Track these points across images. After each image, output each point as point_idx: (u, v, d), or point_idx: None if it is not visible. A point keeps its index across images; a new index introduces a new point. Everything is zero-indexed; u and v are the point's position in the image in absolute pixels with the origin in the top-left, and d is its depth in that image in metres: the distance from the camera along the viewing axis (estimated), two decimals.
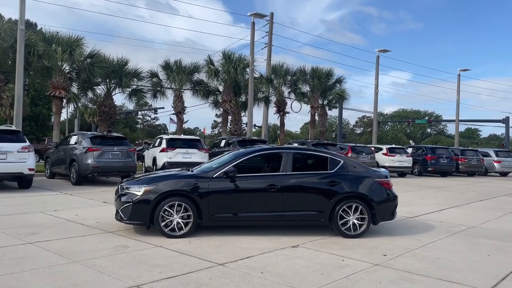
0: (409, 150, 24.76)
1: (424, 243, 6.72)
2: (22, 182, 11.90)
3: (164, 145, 15.97)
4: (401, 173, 22.74)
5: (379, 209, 6.94)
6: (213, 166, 6.95)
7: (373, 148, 23.14)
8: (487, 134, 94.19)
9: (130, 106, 48.15)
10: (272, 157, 7.56)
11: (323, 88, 30.37)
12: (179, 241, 6.28)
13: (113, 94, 22.34)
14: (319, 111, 31.03)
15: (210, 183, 6.59)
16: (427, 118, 76.95)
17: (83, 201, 10.27)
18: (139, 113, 73.23)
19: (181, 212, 6.47)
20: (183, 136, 18.07)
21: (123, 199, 6.62)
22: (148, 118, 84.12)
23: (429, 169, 23.73)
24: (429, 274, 5.10)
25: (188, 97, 41.53)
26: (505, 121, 42.53)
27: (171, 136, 17.25)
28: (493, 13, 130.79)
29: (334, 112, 39.21)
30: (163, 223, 6.43)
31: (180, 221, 6.47)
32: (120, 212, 6.63)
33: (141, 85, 23.52)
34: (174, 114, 25.82)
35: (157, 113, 65.16)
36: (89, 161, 13.11)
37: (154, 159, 16.25)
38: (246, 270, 4.98)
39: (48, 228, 6.97)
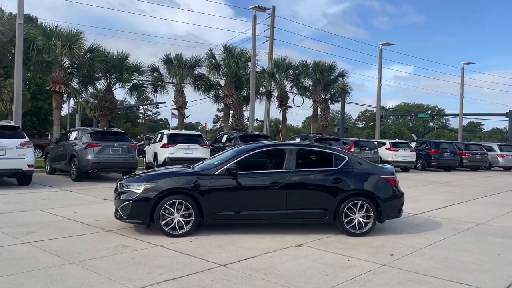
0: (413, 145, 24.53)
1: (431, 241, 6.54)
2: (21, 178, 11.74)
3: (165, 140, 15.80)
4: (404, 168, 22.54)
5: (385, 206, 6.75)
6: (215, 163, 6.76)
7: (376, 143, 22.92)
8: (489, 128, 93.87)
9: (132, 101, 48.08)
10: (275, 153, 7.38)
11: (325, 82, 30.12)
12: (180, 240, 6.11)
13: (113, 88, 22.17)
14: (321, 105, 30.80)
15: (211, 181, 6.40)
16: (429, 112, 76.61)
17: (82, 198, 10.11)
18: (141, 108, 73.11)
19: (182, 210, 6.30)
20: (184, 132, 17.89)
21: (122, 197, 6.45)
22: (149, 112, 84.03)
23: (432, 163, 23.51)
24: (438, 275, 4.92)
25: (189, 91, 41.22)
26: (509, 114, 42.19)
27: (172, 132, 17.07)
28: (495, 6, 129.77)
29: (336, 106, 39.02)
30: (163, 222, 6.26)
31: (181, 219, 6.30)
32: (119, 210, 6.46)
33: (141, 80, 23.34)
34: (175, 108, 25.65)
35: (158, 108, 64.84)
36: (89, 157, 12.94)
37: (155, 154, 16.08)
38: (249, 272, 4.81)
39: (46, 227, 6.81)
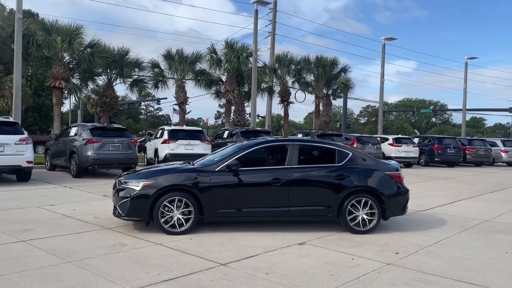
0: (416, 140, 24.32)
1: (437, 239, 6.38)
2: (20, 175, 11.62)
3: (165, 136, 15.64)
4: (407, 163, 22.34)
5: (389, 203, 6.60)
6: (215, 159, 6.61)
7: (379, 138, 22.72)
8: (492, 123, 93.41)
9: (133, 97, 47.89)
10: (277, 149, 7.22)
11: (327, 77, 29.90)
12: (179, 238, 5.97)
13: (114, 84, 22.02)
14: (323, 100, 30.59)
15: (212, 177, 6.26)
16: (432, 107, 76.19)
17: (82, 194, 9.99)
18: (142, 104, 72.96)
19: (181, 207, 6.16)
20: (185, 127, 17.73)
21: (121, 194, 6.31)
22: (151, 108, 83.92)
23: (436, 159, 23.30)
24: (445, 274, 4.77)
25: (191, 87, 41.07)
26: None
27: (173, 127, 16.91)
28: (498, 1, 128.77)
29: (338, 102, 38.86)
30: (162, 219, 6.12)
31: (180, 217, 6.16)
32: (118, 208, 6.32)
33: (142, 75, 23.17)
34: (176, 104, 25.49)
35: (160, 104, 64.79)
36: (89, 153, 12.80)
37: (156, 150, 15.94)
38: (250, 271, 4.67)
39: (44, 224, 6.69)
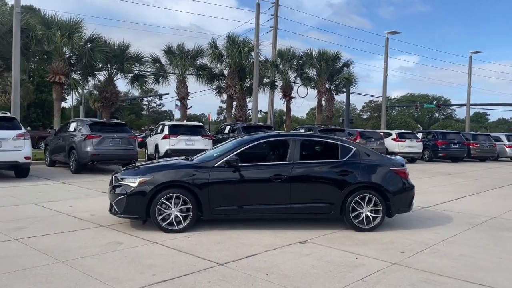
0: (419, 135, 24.05)
1: (443, 237, 6.17)
2: (18, 171, 11.45)
3: (166, 131, 15.46)
4: (411, 159, 22.07)
5: (394, 200, 6.39)
6: (214, 155, 6.41)
7: (382, 134, 22.46)
8: (495, 118, 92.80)
9: (135, 92, 47.67)
10: (277, 144, 7.01)
11: (330, 72, 29.61)
12: (177, 236, 5.78)
13: (114, 79, 21.82)
14: (326, 95, 30.33)
15: (210, 173, 6.06)
16: (435, 102, 75.70)
17: (80, 191, 9.81)
18: (145, 99, 72.80)
19: (179, 204, 5.96)
20: (185, 123, 17.52)
21: (117, 191, 6.12)
22: (153, 104, 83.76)
23: (439, 154, 23.03)
24: (454, 275, 4.56)
25: (192, 82, 40.80)
26: None
27: (173, 123, 16.71)
28: None
29: (341, 97, 38.52)
30: (160, 217, 5.93)
31: (178, 214, 5.97)
32: (114, 205, 6.14)
33: (143, 71, 22.94)
34: (177, 99, 25.28)
35: (162, 99, 64.57)
36: (88, 148, 12.63)
37: (156, 146, 15.75)
38: (249, 271, 4.47)
39: (39, 222, 6.51)
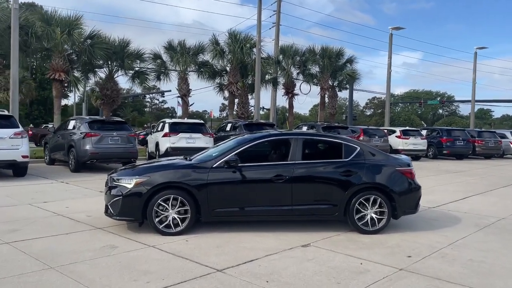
0: (423, 132, 23.74)
1: (452, 240, 5.93)
2: (16, 170, 11.27)
3: (166, 129, 15.22)
4: (415, 156, 21.75)
5: (400, 201, 6.15)
6: (213, 155, 6.18)
7: (386, 131, 22.16)
8: (499, 115, 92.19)
9: (137, 89, 47.52)
10: (279, 143, 6.78)
11: (333, 69, 29.31)
12: (175, 239, 5.57)
13: (115, 76, 21.58)
14: (329, 92, 30.04)
15: (209, 174, 5.83)
16: (439, 99, 75.20)
17: (78, 190, 9.62)
18: (147, 96, 72.68)
19: (177, 206, 5.75)
20: (186, 120, 17.28)
21: (113, 192, 5.90)
22: (156, 101, 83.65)
23: (444, 152, 22.71)
24: (464, 281, 4.33)
25: (194, 79, 40.52)
26: None
27: (174, 120, 16.46)
28: None
29: (344, 94, 38.17)
30: (157, 219, 5.72)
31: (176, 216, 5.75)
32: (109, 206, 5.92)
33: (144, 67, 22.71)
34: (179, 96, 25.06)
35: (164, 96, 64.43)
36: (87, 147, 12.42)
37: (157, 144, 15.53)
38: (249, 278, 4.25)
39: (32, 224, 6.31)
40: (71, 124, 13.63)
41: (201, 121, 17.50)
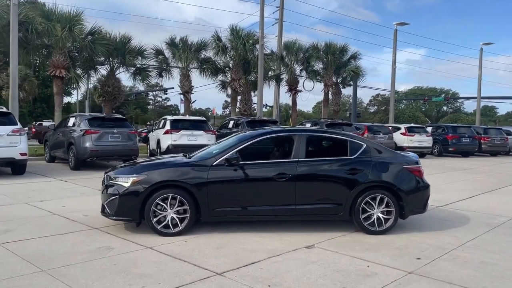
0: (429, 129, 23.44)
1: (462, 240, 5.69)
2: (15, 167, 11.09)
3: (168, 126, 15.02)
4: (420, 153, 21.47)
5: (408, 200, 5.91)
6: (213, 152, 5.95)
7: (390, 128, 21.87)
8: (504, 112, 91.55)
9: (140, 87, 47.29)
10: (282, 140, 6.55)
11: (337, 65, 29.00)
12: (173, 240, 5.35)
13: (116, 73, 21.36)
14: (332, 89, 29.73)
15: (209, 172, 5.61)
16: (443, 96, 74.64)
17: (76, 189, 9.42)
18: (150, 94, 72.51)
19: (175, 206, 5.53)
20: (188, 117, 17.06)
21: (109, 191, 5.69)
22: (159, 99, 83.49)
23: (450, 149, 22.42)
24: (478, 286, 4.09)
25: (196, 76, 40.27)
26: None
27: (175, 117, 16.24)
28: None
29: (347, 91, 37.89)
30: (155, 219, 5.50)
31: (175, 216, 5.53)
32: (106, 206, 5.71)
33: (145, 64, 22.48)
34: (181, 93, 24.84)
35: (166, 93, 64.18)
36: (87, 144, 12.23)
37: (158, 141, 15.34)
38: (250, 282, 4.03)
39: (27, 224, 6.11)
40: (71, 121, 13.44)
41: (203, 118, 17.27)
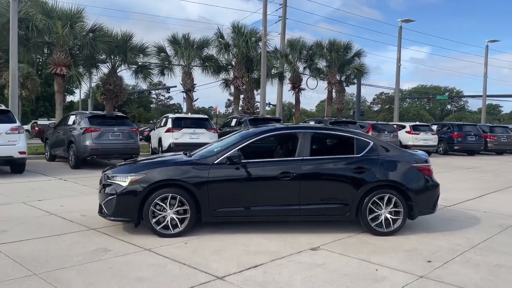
0: (434, 128, 23.13)
1: (474, 242, 5.46)
2: (13, 166, 10.91)
3: (169, 124, 14.81)
4: (425, 152, 21.17)
5: (417, 200, 5.68)
6: (215, 150, 5.74)
7: (395, 126, 21.60)
8: (508, 110, 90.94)
9: (143, 85, 47.11)
10: (286, 138, 6.34)
11: (340, 63, 28.74)
12: (173, 241, 5.15)
13: (118, 71, 21.16)
14: (336, 87, 29.48)
15: (210, 171, 5.40)
16: (447, 94, 74.14)
17: (75, 188, 9.24)
18: (153, 92, 72.38)
19: (175, 206, 5.32)
20: (190, 115, 16.85)
21: (107, 190, 5.49)
22: (162, 97, 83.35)
23: (455, 147, 22.10)
24: None
25: (198, 74, 40.00)
26: None
27: (177, 115, 16.04)
28: None
29: (350, 90, 37.62)
30: (154, 220, 5.30)
31: (174, 217, 5.33)
32: (103, 206, 5.51)
33: (147, 62, 22.28)
34: (183, 91, 24.64)
35: (169, 92, 64.03)
36: (87, 142, 12.04)
37: (160, 140, 15.14)
38: (252, 287, 3.81)
39: (23, 224, 5.92)
40: (71, 119, 13.25)
41: (205, 116, 17.06)
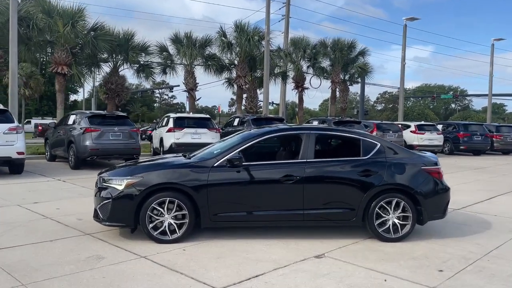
0: (439, 127, 22.82)
1: (486, 249, 5.19)
2: (12, 167, 10.72)
3: (171, 124, 14.59)
4: (431, 152, 20.89)
5: (426, 205, 5.42)
6: (215, 152, 5.50)
7: (400, 125, 21.30)
8: None
9: (147, 85, 47.00)
10: (289, 139, 6.10)
11: (344, 62, 28.46)
12: (170, 248, 4.91)
13: (120, 70, 20.99)
14: (340, 86, 29.21)
15: (210, 174, 5.16)
16: (452, 93, 73.59)
17: (74, 189, 9.02)
18: (156, 92, 72.26)
19: (173, 210, 5.09)
20: (191, 115, 16.62)
21: (102, 194, 5.26)
22: (165, 96, 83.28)
23: (461, 147, 21.78)
24: None
25: (201, 73, 39.88)
26: None
27: (178, 115, 15.81)
28: None
29: (354, 89, 37.33)
30: (151, 225, 5.06)
31: (172, 222, 5.10)
32: (98, 210, 5.28)
33: (149, 61, 22.08)
34: (185, 91, 24.44)
35: (172, 91, 63.97)
36: (87, 142, 11.83)
37: (161, 139, 14.92)
38: None
39: (16, 228, 5.71)
40: (71, 119, 13.06)
41: (207, 115, 16.82)
